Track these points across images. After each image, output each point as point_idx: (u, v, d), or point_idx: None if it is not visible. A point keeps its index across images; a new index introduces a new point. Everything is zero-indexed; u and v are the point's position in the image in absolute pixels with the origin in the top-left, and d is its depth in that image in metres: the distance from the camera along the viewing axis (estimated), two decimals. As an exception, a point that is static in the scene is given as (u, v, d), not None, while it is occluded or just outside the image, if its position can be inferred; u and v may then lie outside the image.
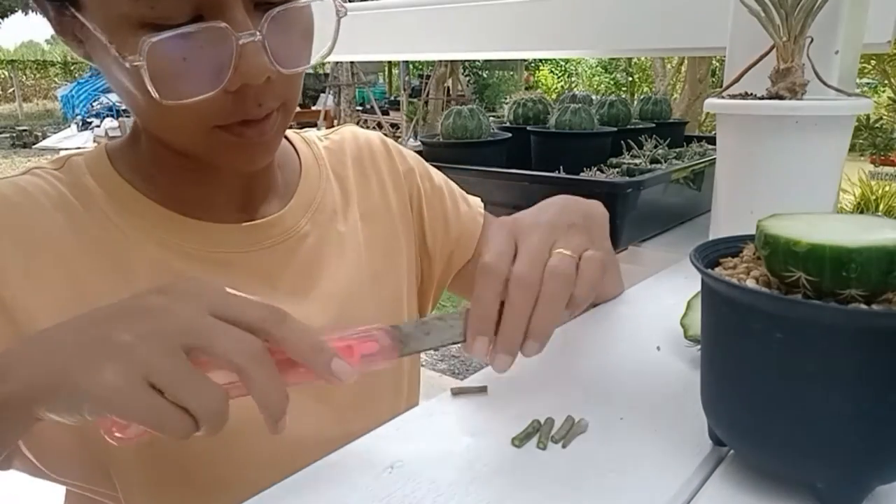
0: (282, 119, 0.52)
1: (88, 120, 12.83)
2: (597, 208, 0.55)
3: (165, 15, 0.44)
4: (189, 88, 0.45)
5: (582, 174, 1.14)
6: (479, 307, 0.44)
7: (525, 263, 0.44)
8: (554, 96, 1.67)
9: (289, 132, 0.69)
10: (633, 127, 1.35)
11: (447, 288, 0.76)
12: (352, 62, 9.27)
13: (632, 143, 1.26)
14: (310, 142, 0.69)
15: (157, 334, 0.37)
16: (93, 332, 0.38)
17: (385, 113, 11.33)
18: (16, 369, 0.38)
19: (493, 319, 0.44)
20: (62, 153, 0.57)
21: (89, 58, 0.51)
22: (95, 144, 0.59)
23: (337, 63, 9.89)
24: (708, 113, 0.70)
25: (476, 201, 0.78)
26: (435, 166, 1.18)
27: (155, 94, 0.44)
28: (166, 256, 0.54)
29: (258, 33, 0.45)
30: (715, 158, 0.87)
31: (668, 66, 9.21)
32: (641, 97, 1.54)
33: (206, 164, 0.54)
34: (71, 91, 14.17)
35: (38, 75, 18.74)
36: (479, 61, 13.49)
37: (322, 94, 11.53)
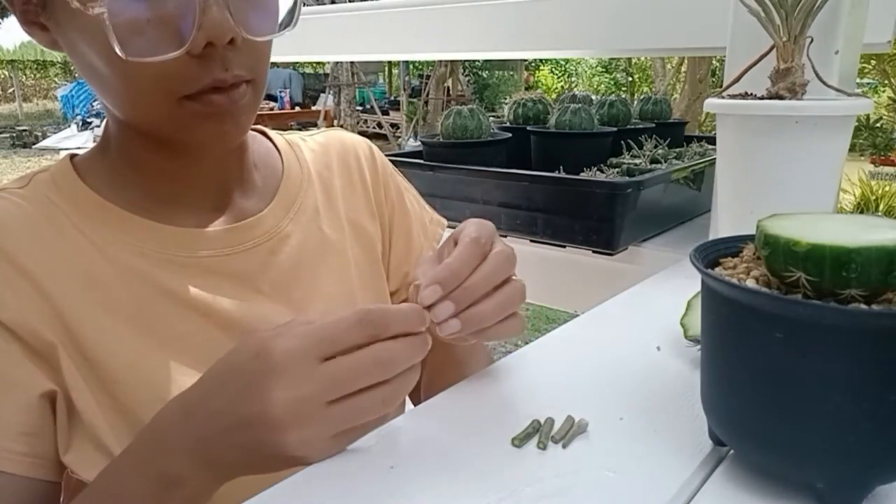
0: (251, 95, 0.52)
1: (88, 120, 12.80)
2: None
3: None
4: (153, 47, 0.45)
5: (582, 174, 1.14)
6: (457, 265, 0.48)
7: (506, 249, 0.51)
8: (554, 96, 1.68)
9: (272, 133, 0.69)
10: (633, 127, 1.35)
11: None
12: (352, 62, 9.27)
13: (632, 143, 1.26)
14: (293, 143, 0.69)
15: (308, 400, 0.40)
16: (245, 413, 0.41)
17: (385, 113, 11.33)
18: (189, 476, 0.42)
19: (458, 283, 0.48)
20: (61, 153, 0.57)
21: (56, 45, 0.50)
22: (94, 145, 0.59)
23: (337, 63, 9.89)
24: (708, 113, 0.70)
25: (435, 232, 0.77)
26: (435, 166, 1.19)
27: (119, 51, 0.44)
28: (144, 265, 0.53)
29: None
30: (715, 158, 0.87)
31: (668, 66, 9.21)
32: (641, 97, 1.54)
33: (178, 152, 0.53)
34: (71, 91, 14.15)
35: (38, 75, 18.74)
36: (479, 61, 13.49)
37: (322, 94, 11.53)
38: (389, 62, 13.12)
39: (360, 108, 11.46)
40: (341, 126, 10.10)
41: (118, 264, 0.52)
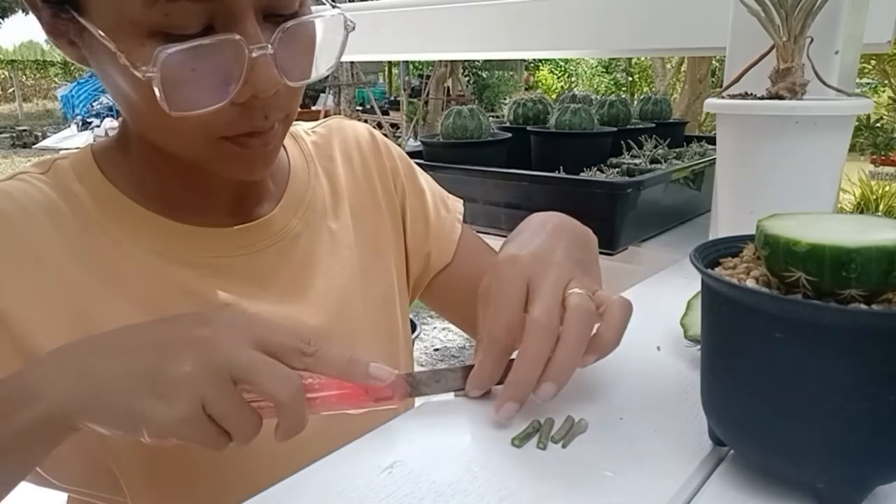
0: (282, 130, 0.52)
1: (88, 120, 12.80)
2: (590, 235, 0.57)
3: (178, 24, 0.42)
4: (198, 100, 0.45)
5: (582, 174, 1.14)
6: (487, 362, 0.48)
7: (543, 308, 0.46)
8: (554, 96, 1.67)
9: None
10: (633, 127, 1.36)
11: (420, 297, 0.75)
12: (352, 62, 9.27)
13: (632, 143, 1.27)
14: (297, 137, 0.68)
15: (212, 367, 0.40)
16: (146, 361, 0.40)
17: (385, 113, 11.32)
18: (49, 390, 0.40)
19: (497, 376, 0.48)
20: (61, 153, 0.57)
21: (84, 61, 0.49)
22: (113, 136, 0.58)
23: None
24: (708, 113, 0.70)
25: (456, 205, 0.77)
26: (435, 166, 1.19)
27: (165, 107, 0.43)
28: (157, 262, 0.53)
29: (270, 47, 0.45)
30: (715, 158, 0.87)
31: (668, 66, 9.22)
32: (641, 97, 1.54)
33: (199, 170, 0.53)
34: (71, 91, 14.15)
35: (38, 75, 18.72)
36: (479, 61, 13.48)
37: (322, 94, 11.52)
38: (389, 62, 13.11)
39: (360, 108, 11.45)
40: (341, 126, 10.06)
41: (134, 259, 0.53)
